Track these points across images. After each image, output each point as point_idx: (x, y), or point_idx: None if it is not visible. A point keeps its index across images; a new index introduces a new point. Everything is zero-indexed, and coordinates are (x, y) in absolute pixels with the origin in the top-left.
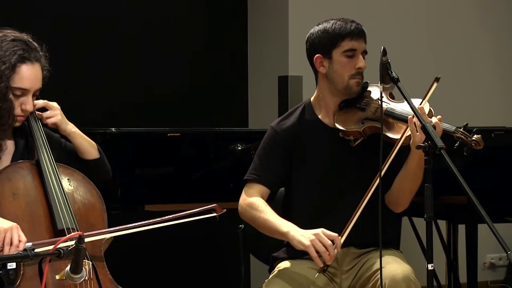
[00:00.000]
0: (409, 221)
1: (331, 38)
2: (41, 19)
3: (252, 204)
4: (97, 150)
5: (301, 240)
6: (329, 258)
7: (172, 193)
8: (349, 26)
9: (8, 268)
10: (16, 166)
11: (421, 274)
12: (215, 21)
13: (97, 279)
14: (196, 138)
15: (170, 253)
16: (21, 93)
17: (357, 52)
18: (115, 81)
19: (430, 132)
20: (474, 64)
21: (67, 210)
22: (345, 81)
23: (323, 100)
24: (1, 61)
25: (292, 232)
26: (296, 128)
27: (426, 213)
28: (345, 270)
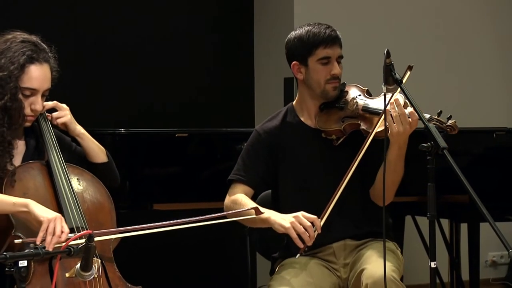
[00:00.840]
0: (412, 219)
1: (306, 46)
2: (51, 20)
3: (235, 200)
4: (105, 154)
5: (282, 223)
6: (308, 239)
7: (180, 192)
8: (323, 34)
9: (19, 266)
10: (26, 166)
11: (424, 271)
12: (222, 23)
13: (106, 276)
14: (204, 138)
15: (178, 251)
16: (30, 93)
17: (332, 59)
18: (125, 83)
19: (433, 132)
20: (477, 65)
21: (76, 209)
22: (321, 86)
23: (304, 103)
24: (11, 61)
25: (273, 217)
26: (279, 131)
27: (429, 212)
28: (344, 263)
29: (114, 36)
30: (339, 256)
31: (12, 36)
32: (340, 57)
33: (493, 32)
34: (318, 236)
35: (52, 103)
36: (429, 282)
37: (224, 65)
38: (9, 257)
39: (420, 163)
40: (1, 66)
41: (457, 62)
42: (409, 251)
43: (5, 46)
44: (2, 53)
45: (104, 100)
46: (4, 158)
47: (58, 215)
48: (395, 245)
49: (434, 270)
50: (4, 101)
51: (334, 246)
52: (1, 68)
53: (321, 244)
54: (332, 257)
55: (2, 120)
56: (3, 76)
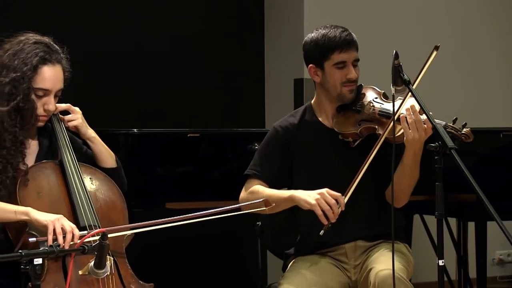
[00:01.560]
0: (420, 218)
1: (321, 51)
2: (64, 22)
3: (253, 190)
4: (115, 160)
5: (307, 199)
6: (332, 216)
7: (192, 191)
8: (338, 39)
9: (35, 264)
10: (40, 166)
11: (432, 269)
12: (233, 26)
13: (118, 274)
14: (215, 138)
15: (190, 249)
16: (43, 93)
17: (347, 63)
18: (139, 84)
19: (441, 132)
20: (482, 65)
21: (89, 208)
22: (337, 89)
23: (322, 104)
24: (24, 62)
25: (296, 193)
26: (296, 128)
27: (437, 211)
28: (355, 265)
29: (129, 39)
30: (350, 257)
31: (25, 38)
32: (356, 60)
33: (498, 31)
34: (331, 236)
35: (65, 105)
36: (437, 280)
37: (235, 67)
38: (24, 255)
39: (428, 163)
40: (14, 67)
41: (463, 62)
42: (417, 250)
43: (18, 48)
44: (15, 54)
45: (118, 100)
46: (17, 158)
47: (60, 215)
48: (406, 247)
49: (442, 268)
50: (16, 102)
51: (346, 247)
52: (14, 69)
53: (333, 244)
54: (343, 257)
55: (15, 120)
56: (17, 77)
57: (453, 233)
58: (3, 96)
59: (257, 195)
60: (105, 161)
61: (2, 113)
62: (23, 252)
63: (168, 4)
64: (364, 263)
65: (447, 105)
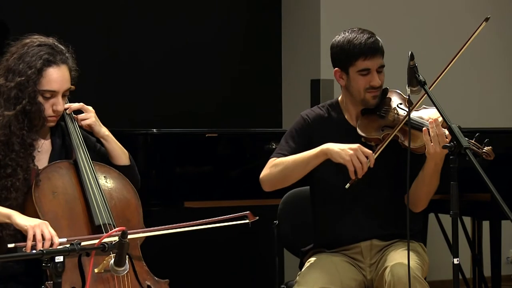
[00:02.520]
0: (435, 217)
1: (346, 56)
2: (86, 24)
3: (276, 163)
4: (128, 158)
5: (341, 154)
6: (362, 172)
7: (210, 190)
8: (363, 46)
9: (56, 261)
10: (55, 165)
11: (447, 268)
12: (251, 28)
13: (134, 271)
14: (233, 138)
15: (206, 246)
16: (50, 95)
17: (372, 70)
18: (158, 86)
19: (456, 132)
20: (497, 65)
21: (103, 206)
22: (361, 95)
23: (347, 105)
24: (28, 66)
25: (327, 147)
26: (324, 122)
27: (452, 210)
28: (371, 263)
29: (149, 42)
30: (366, 256)
31: (30, 40)
32: (381, 66)
33: (504, 31)
34: (347, 234)
35: (78, 104)
36: (452, 278)
37: (253, 68)
38: (45, 253)
39: (443, 162)
40: (19, 71)
41: (478, 62)
42: (432, 248)
43: (23, 51)
44: (20, 58)
45: (138, 101)
46: (26, 160)
47: (42, 221)
48: (421, 246)
49: (457, 266)
50: (23, 105)
51: (362, 246)
52: (19, 73)
53: (349, 242)
54: (359, 256)
55: (23, 123)
56: (22, 81)
57: (468, 231)
58: (10, 100)
59: (281, 164)
60: (119, 158)
61: (9, 117)
62: (45, 250)
63: (187, 6)
64: (379, 262)
65: (462, 106)
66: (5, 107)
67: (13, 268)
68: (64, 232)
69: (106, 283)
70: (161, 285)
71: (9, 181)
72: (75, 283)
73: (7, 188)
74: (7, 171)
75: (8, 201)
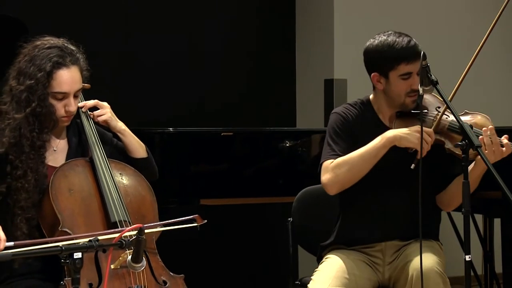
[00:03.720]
0: (447, 215)
1: (387, 60)
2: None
3: (337, 163)
4: (145, 150)
5: (409, 138)
6: (425, 153)
7: (225, 188)
8: (405, 50)
9: (74, 258)
10: (71, 163)
11: (459, 264)
12: (266, 29)
13: (149, 266)
14: (248, 137)
15: (222, 242)
16: (62, 96)
17: (413, 73)
18: (175, 85)
19: (467, 131)
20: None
21: (119, 203)
22: (402, 99)
23: (381, 105)
24: (38, 69)
25: (393, 133)
26: (358, 119)
27: (464, 208)
28: (388, 262)
29: (164, 41)
30: (385, 255)
31: (40, 43)
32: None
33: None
34: (370, 234)
35: (93, 101)
36: (464, 275)
37: (267, 68)
38: (64, 249)
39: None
40: (29, 74)
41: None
42: (444, 245)
43: (34, 53)
44: (30, 60)
45: (155, 101)
46: (36, 162)
47: None
48: (439, 245)
49: (469, 263)
50: (32, 108)
51: (383, 245)
52: (29, 75)
53: (372, 241)
54: (379, 254)
55: (33, 125)
56: (31, 84)
57: (480, 229)
58: (20, 103)
59: (345, 163)
60: (136, 151)
61: (19, 120)
62: (63, 246)
63: (202, 6)
64: (398, 259)
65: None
66: (16, 109)
67: (32, 265)
68: (81, 229)
69: (122, 278)
70: (176, 280)
71: (19, 182)
72: (92, 279)
73: (18, 190)
74: (18, 172)
75: (20, 203)
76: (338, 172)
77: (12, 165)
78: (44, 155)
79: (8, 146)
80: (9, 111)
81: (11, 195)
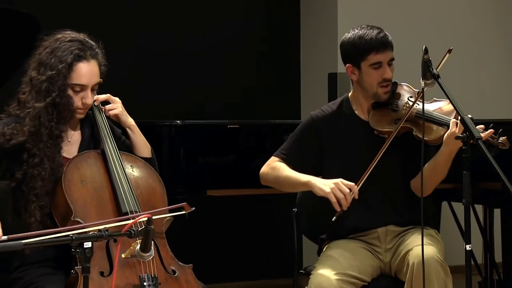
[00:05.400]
0: (448, 205)
1: (358, 51)
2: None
3: (275, 167)
4: (150, 151)
5: (322, 187)
6: (346, 204)
7: (231, 179)
8: (374, 40)
9: (84, 247)
10: (83, 155)
11: (460, 254)
12: (271, 24)
13: (159, 256)
14: (254, 130)
15: (228, 233)
16: (80, 88)
17: (383, 63)
18: (183, 79)
19: (468, 123)
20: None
21: (130, 194)
22: (374, 89)
23: (358, 99)
24: (59, 60)
25: (313, 180)
26: (334, 118)
27: (465, 198)
28: (387, 248)
29: (173, 38)
30: (382, 241)
31: (61, 36)
32: (391, 60)
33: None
34: (364, 222)
35: (105, 96)
36: (464, 264)
37: (273, 62)
38: (74, 239)
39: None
40: (51, 65)
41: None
42: (445, 235)
43: (55, 46)
44: (52, 52)
45: (164, 94)
46: (53, 151)
47: None
48: (435, 232)
49: (469, 252)
50: (52, 98)
51: (379, 231)
52: (50, 66)
53: (366, 228)
54: (376, 241)
55: (52, 115)
56: (52, 74)
57: (480, 219)
58: (40, 93)
59: (277, 172)
60: (141, 151)
61: (39, 109)
62: (73, 236)
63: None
64: (398, 247)
65: (473, 97)
66: (36, 99)
67: (45, 253)
68: (93, 219)
69: (133, 267)
70: (185, 269)
71: (36, 170)
72: (103, 267)
73: (34, 177)
74: (35, 160)
75: (35, 190)
76: (269, 173)
77: (29, 153)
78: (61, 145)
79: (28, 135)
80: (28, 100)
81: (27, 182)
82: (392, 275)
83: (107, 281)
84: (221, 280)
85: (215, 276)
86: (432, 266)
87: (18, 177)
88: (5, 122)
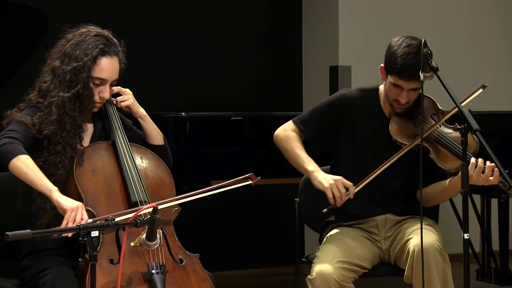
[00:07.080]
0: None
1: (388, 64)
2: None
3: (290, 137)
4: (162, 138)
5: (322, 181)
6: (340, 202)
7: (235, 170)
8: (401, 66)
9: (92, 236)
10: (94, 146)
11: (458, 242)
12: (274, 18)
13: (167, 245)
14: (256, 121)
15: (233, 223)
16: (100, 82)
17: (404, 88)
18: (188, 74)
19: (466, 115)
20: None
21: (139, 184)
22: (390, 100)
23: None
24: (85, 53)
25: (316, 173)
26: (359, 105)
27: (463, 188)
28: (386, 236)
29: (177, 32)
30: (381, 229)
31: (87, 30)
32: (414, 89)
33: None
34: (364, 210)
35: (116, 88)
36: (462, 252)
37: (275, 55)
38: (82, 228)
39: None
40: (76, 56)
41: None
42: (444, 224)
43: (80, 39)
44: (77, 44)
45: (170, 87)
46: (75, 140)
47: (80, 204)
48: (433, 222)
49: (467, 241)
50: (77, 89)
51: (377, 219)
52: (76, 58)
53: (365, 216)
54: (375, 229)
55: (74, 105)
56: (78, 66)
57: (478, 208)
58: (64, 83)
59: (290, 144)
60: (154, 138)
61: (64, 99)
62: (81, 226)
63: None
64: (396, 235)
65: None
66: (59, 88)
67: (55, 241)
68: (103, 208)
69: (142, 256)
70: (192, 258)
71: (58, 157)
72: (113, 255)
73: (55, 164)
74: (57, 148)
75: (54, 177)
76: (283, 140)
77: (51, 141)
78: (82, 135)
79: (56, 124)
80: (51, 89)
81: (46, 169)
82: (392, 263)
83: (116, 268)
84: (226, 268)
85: (220, 264)
86: (432, 254)
87: (40, 164)
88: (28, 112)
